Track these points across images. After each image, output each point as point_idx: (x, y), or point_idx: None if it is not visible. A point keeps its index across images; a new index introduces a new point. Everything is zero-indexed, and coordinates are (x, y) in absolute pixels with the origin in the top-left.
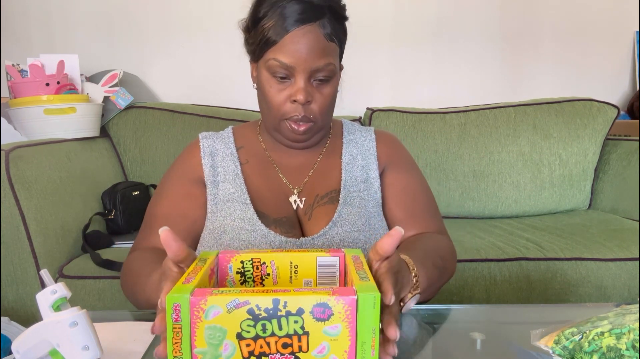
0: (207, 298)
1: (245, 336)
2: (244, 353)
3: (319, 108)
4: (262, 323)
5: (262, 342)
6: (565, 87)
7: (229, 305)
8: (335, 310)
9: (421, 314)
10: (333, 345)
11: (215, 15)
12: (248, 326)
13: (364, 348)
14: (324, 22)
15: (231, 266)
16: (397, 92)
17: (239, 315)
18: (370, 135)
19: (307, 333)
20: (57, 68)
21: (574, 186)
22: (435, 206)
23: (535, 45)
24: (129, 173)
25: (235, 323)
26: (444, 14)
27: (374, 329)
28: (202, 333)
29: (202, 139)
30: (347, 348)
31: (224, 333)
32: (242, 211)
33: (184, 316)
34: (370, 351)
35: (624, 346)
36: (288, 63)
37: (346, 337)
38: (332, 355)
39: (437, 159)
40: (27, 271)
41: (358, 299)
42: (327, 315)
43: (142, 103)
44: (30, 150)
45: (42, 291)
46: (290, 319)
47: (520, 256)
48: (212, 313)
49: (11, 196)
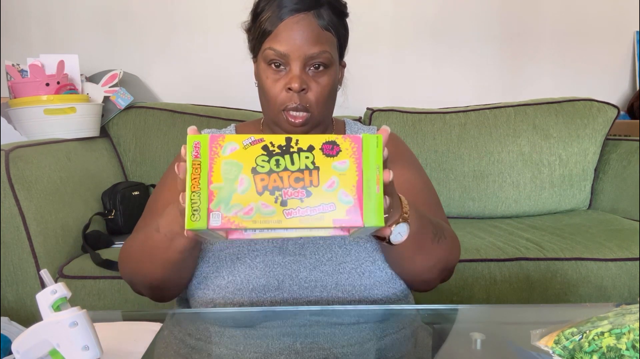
0: (225, 136)
1: (260, 171)
2: (258, 187)
3: (315, 97)
4: (275, 159)
5: (276, 176)
6: (565, 87)
7: (245, 142)
8: (343, 147)
9: (421, 314)
10: (342, 179)
11: (215, 16)
12: (262, 162)
13: (369, 184)
14: (319, 12)
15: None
16: (397, 92)
17: (254, 151)
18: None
19: (317, 168)
20: (57, 68)
21: (574, 186)
22: (438, 202)
23: (535, 45)
24: (129, 173)
25: (250, 158)
26: (444, 14)
27: (378, 167)
28: (219, 168)
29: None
30: (355, 183)
31: (240, 168)
32: None
33: (204, 152)
34: (375, 187)
35: (624, 346)
36: (282, 51)
37: (354, 172)
38: (341, 189)
39: (437, 159)
40: (27, 271)
41: (363, 138)
42: (335, 151)
43: (142, 103)
44: (30, 150)
45: (42, 291)
46: (302, 154)
47: (520, 256)
48: (230, 149)
49: (11, 196)
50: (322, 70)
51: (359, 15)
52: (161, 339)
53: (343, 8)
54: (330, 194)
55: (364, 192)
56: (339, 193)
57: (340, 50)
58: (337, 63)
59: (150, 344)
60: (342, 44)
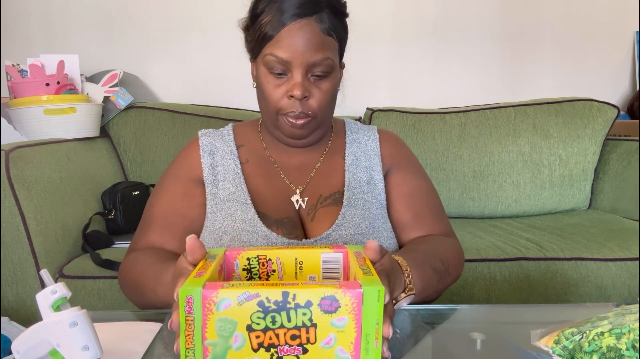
0: (219, 291)
1: (255, 328)
2: (254, 344)
3: (318, 104)
4: (271, 315)
5: (272, 334)
6: (565, 87)
7: (239, 298)
8: (342, 303)
9: (421, 314)
10: (340, 337)
11: (215, 15)
12: (258, 319)
13: (368, 339)
14: (321, 17)
15: (237, 263)
16: (397, 92)
17: (250, 307)
18: (373, 134)
19: (315, 325)
20: (57, 68)
21: (574, 186)
22: (441, 208)
23: (535, 45)
24: (129, 173)
25: (245, 315)
26: (444, 14)
27: (378, 322)
28: (213, 325)
29: (201, 137)
30: (353, 340)
31: (235, 325)
32: (242, 212)
33: (197, 308)
34: (374, 343)
35: (624, 346)
36: (284, 58)
37: (352, 329)
38: (338, 346)
39: (437, 159)
40: (27, 271)
41: (364, 293)
42: (334, 308)
43: (142, 103)
44: (30, 150)
45: (42, 291)
46: (299, 311)
47: (520, 256)
48: (224, 306)
49: (11, 196)
50: (324, 76)
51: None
52: (161, 339)
53: (343, 8)
54: (327, 351)
55: (362, 348)
56: (336, 350)
57: (341, 53)
58: (338, 67)
59: (150, 344)
60: (343, 46)
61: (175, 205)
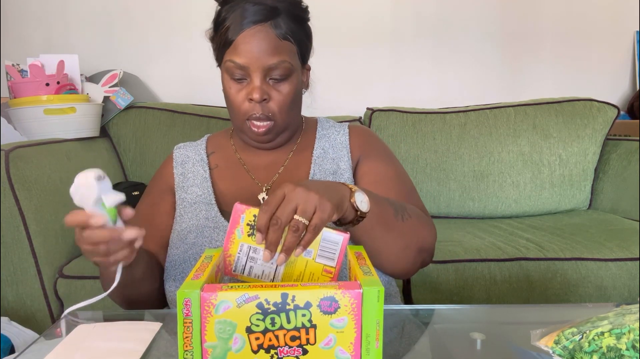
0: (218, 293)
1: (255, 330)
2: (253, 346)
3: (278, 106)
4: (271, 317)
5: (271, 335)
6: (565, 87)
7: (238, 300)
8: (341, 303)
9: (421, 314)
10: (339, 337)
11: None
12: (257, 320)
13: (368, 339)
14: (277, 22)
15: (243, 217)
16: (397, 92)
17: (249, 309)
18: (344, 129)
19: (314, 326)
20: (57, 68)
21: (574, 186)
22: (412, 189)
23: (535, 45)
24: (129, 173)
25: (244, 317)
26: (444, 14)
27: (378, 322)
28: (212, 327)
29: (175, 150)
30: (353, 340)
31: (234, 327)
32: (206, 211)
33: (195, 311)
34: (375, 343)
35: (624, 346)
36: (242, 63)
37: (352, 329)
38: (338, 347)
39: (437, 159)
40: (27, 271)
41: (363, 293)
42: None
43: (142, 103)
44: (30, 150)
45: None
46: (298, 312)
47: (520, 256)
48: (223, 308)
49: (11, 196)
50: (283, 79)
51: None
52: (161, 339)
53: (302, 13)
54: (327, 352)
55: (362, 348)
56: (336, 350)
57: (303, 56)
58: (299, 70)
59: (150, 344)
60: (304, 50)
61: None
